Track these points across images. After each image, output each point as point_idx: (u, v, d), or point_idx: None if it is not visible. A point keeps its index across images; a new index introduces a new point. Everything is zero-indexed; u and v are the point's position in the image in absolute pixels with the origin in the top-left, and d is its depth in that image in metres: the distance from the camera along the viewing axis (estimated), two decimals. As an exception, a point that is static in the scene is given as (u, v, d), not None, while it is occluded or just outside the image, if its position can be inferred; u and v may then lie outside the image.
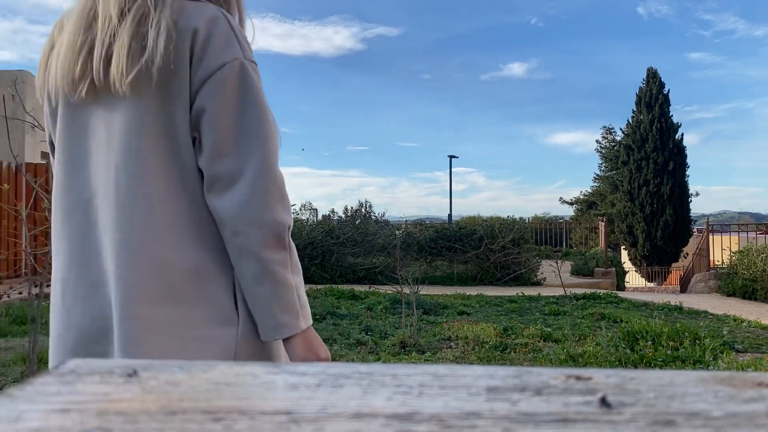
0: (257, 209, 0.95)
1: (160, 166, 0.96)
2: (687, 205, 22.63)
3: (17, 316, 5.73)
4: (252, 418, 0.30)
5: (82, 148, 1.02)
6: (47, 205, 4.59)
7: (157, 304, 0.95)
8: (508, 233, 10.40)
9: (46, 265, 4.22)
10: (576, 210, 34.93)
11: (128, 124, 0.97)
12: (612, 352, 4.20)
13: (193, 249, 0.97)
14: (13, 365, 4.02)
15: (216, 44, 0.96)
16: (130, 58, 0.94)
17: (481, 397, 0.33)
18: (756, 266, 8.59)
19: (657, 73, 23.29)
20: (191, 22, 0.96)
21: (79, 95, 0.99)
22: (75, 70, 0.99)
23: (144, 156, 0.96)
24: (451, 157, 22.20)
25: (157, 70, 0.94)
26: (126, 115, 0.97)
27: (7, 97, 8.37)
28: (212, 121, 0.95)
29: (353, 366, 0.38)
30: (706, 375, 0.36)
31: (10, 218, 8.34)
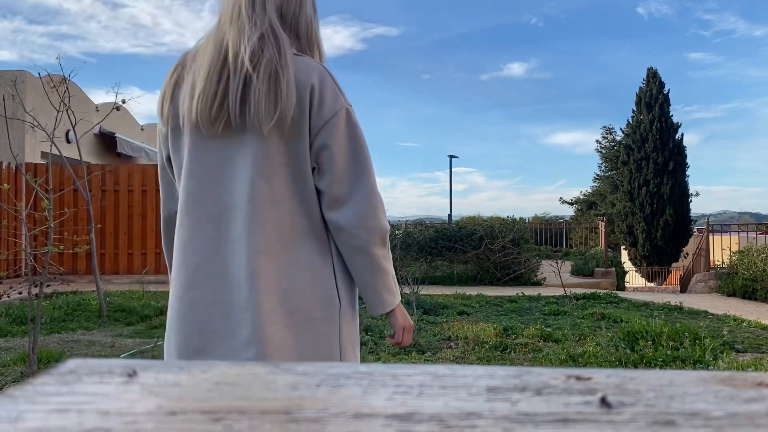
0: (369, 219, 1.27)
1: (283, 187, 1.25)
2: (687, 205, 22.63)
3: (17, 316, 5.73)
4: (252, 418, 0.30)
5: (215, 170, 1.27)
6: (47, 205, 4.59)
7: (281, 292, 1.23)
8: (508, 233, 10.40)
9: (46, 265, 4.22)
10: (576, 210, 34.93)
11: (259, 153, 1.24)
12: (612, 352, 4.20)
13: (307, 251, 1.26)
14: (13, 365, 4.02)
15: (327, 96, 1.26)
16: (268, 109, 1.21)
17: (481, 397, 0.33)
18: (756, 266, 8.58)
19: (657, 73, 23.28)
20: (308, 79, 1.25)
21: (215, 130, 1.25)
22: (212, 111, 1.23)
23: (272, 180, 1.24)
24: (451, 157, 22.20)
25: (290, 118, 1.22)
26: (257, 146, 1.24)
27: (7, 97, 8.37)
28: (332, 157, 1.25)
29: (353, 366, 0.38)
30: (706, 375, 0.36)
31: (10, 218, 8.34)
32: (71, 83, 6.65)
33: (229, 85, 1.23)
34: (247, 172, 1.24)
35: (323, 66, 1.29)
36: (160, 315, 5.97)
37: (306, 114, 1.24)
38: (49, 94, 6.32)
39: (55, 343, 4.75)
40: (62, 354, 4.30)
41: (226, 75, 1.24)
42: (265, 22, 1.27)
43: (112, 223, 9.81)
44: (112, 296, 6.67)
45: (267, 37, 1.25)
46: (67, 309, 6.06)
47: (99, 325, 5.62)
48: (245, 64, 1.22)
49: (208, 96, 1.23)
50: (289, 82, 1.21)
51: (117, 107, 7.02)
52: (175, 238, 1.32)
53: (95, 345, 4.78)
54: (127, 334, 5.22)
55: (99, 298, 5.93)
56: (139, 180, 9.82)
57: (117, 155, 13.06)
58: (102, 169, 9.60)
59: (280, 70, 1.22)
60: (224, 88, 1.23)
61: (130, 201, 9.82)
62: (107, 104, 11.06)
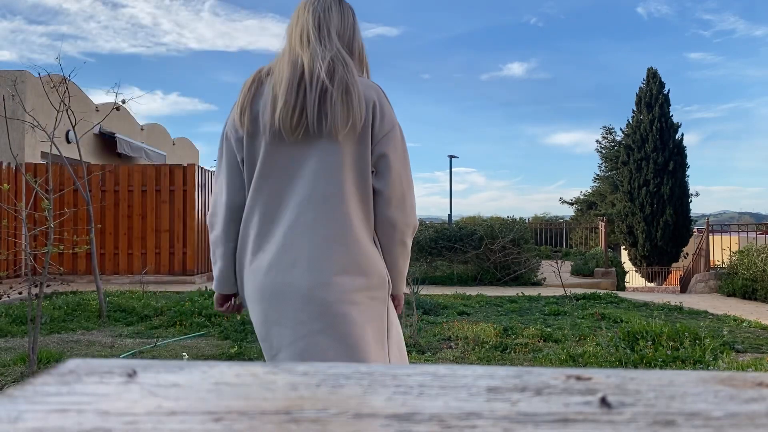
0: (411, 218, 1.56)
1: (349, 185, 1.48)
2: (687, 205, 22.62)
3: (17, 316, 5.73)
4: (252, 418, 0.30)
5: (291, 170, 1.49)
6: (47, 205, 4.59)
7: (347, 274, 1.46)
8: (508, 233, 10.39)
9: (46, 265, 4.22)
10: (576, 210, 34.93)
11: (331, 157, 1.47)
12: (612, 352, 4.20)
13: (366, 240, 1.50)
14: (13, 365, 4.01)
15: (387, 112, 1.52)
16: (343, 118, 1.45)
17: (481, 397, 0.33)
18: (756, 266, 8.58)
19: (657, 73, 23.28)
20: (370, 96, 1.50)
21: (296, 137, 1.47)
22: (293, 121, 1.46)
23: (341, 179, 1.46)
24: (451, 157, 22.19)
25: (359, 127, 1.47)
26: (330, 150, 1.47)
27: (7, 97, 8.37)
28: (389, 164, 1.51)
29: (353, 366, 0.38)
30: (706, 375, 0.36)
31: (10, 218, 8.33)
32: (71, 83, 6.65)
33: (307, 98, 1.46)
34: (320, 171, 1.47)
35: (378, 86, 1.56)
36: (160, 315, 5.97)
37: (369, 124, 1.49)
38: (49, 94, 6.32)
39: (55, 343, 4.75)
40: (62, 354, 4.30)
41: (303, 89, 1.47)
42: (333, 47, 1.53)
43: (112, 223, 9.81)
44: (112, 296, 6.67)
45: (337, 59, 1.50)
46: (67, 309, 6.06)
47: (99, 325, 5.62)
48: (322, 79, 1.46)
49: (289, 108, 1.46)
50: (359, 96, 1.47)
51: (117, 107, 7.02)
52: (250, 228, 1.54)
53: (95, 345, 4.78)
54: (127, 334, 5.22)
55: (99, 298, 5.93)
56: (139, 180, 9.82)
57: (117, 155, 13.06)
58: (102, 169, 9.60)
59: (351, 86, 1.47)
60: (303, 101, 1.46)
61: (130, 201, 9.82)
62: (107, 104, 11.06)
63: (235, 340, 4.94)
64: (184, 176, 9.79)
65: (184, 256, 9.73)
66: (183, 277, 9.63)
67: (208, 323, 5.57)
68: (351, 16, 1.64)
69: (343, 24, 1.60)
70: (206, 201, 10.31)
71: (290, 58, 1.52)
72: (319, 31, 1.54)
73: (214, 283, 1.66)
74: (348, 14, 1.63)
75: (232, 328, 5.29)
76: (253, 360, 4.15)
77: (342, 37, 1.58)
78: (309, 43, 1.52)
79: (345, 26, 1.60)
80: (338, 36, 1.57)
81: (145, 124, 15.62)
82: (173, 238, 9.76)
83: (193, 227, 9.72)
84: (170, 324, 5.59)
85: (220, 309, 1.69)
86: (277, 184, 1.50)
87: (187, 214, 9.76)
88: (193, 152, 18.77)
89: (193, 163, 10.00)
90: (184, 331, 5.33)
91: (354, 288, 1.46)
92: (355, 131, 1.46)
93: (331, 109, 1.45)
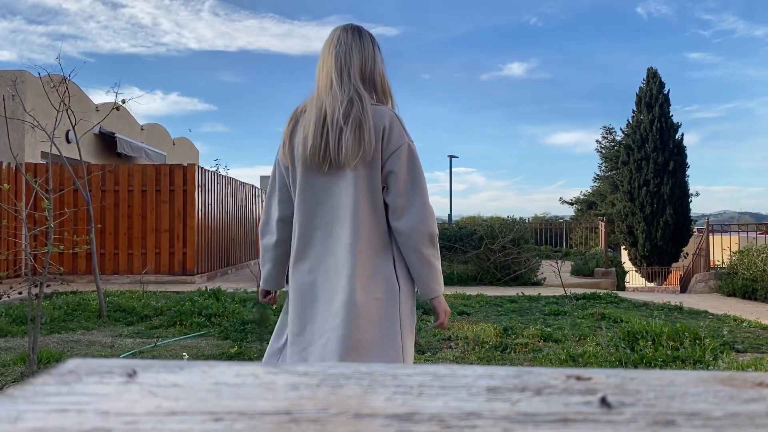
0: (421, 226, 1.76)
1: (366, 203, 1.76)
2: (687, 205, 22.61)
3: (17, 316, 5.73)
4: (252, 418, 0.30)
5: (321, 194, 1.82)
6: (47, 205, 4.59)
7: (368, 279, 1.75)
8: (508, 233, 10.39)
9: (46, 265, 4.22)
10: (576, 210, 34.92)
11: (349, 182, 1.77)
12: (612, 352, 4.20)
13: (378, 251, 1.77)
14: (13, 365, 4.01)
15: (394, 135, 1.77)
16: (355, 151, 1.73)
17: (481, 397, 0.33)
18: (756, 266, 8.58)
19: (657, 73, 23.26)
20: (381, 122, 1.76)
21: (322, 169, 1.79)
22: (319, 158, 1.78)
23: (358, 199, 1.76)
24: (451, 157, 22.18)
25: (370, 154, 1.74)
26: (347, 177, 1.77)
27: (7, 97, 8.36)
28: (396, 178, 1.76)
29: (353, 366, 0.38)
30: (706, 375, 0.36)
31: (10, 218, 8.33)
32: (71, 83, 6.65)
33: (329, 139, 1.77)
34: (343, 195, 1.78)
35: (393, 112, 1.83)
36: (160, 315, 5.97)
37: (379, 147, 1.77)
38: (49, 94, 6.32)
39: (55, 343, 4.75)
40: (62, 354, 4.30)
41: (326, 131, 1.78)
42: (351, 88, 1.80)
43: (112, 223, 9.81)
44: (112, 296, 6.66)
45: (353, 99, 1.77)
46: (67, 309, 6.06)
47: (99, 325, 5.62)
48: (340, 122, 1.75)
49: (315, 148, 1.78)
50: (369, 129, 1.74)
51: (117, 107, 7.02)
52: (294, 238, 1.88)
53: (95, 345, 4.78)
54: (127, 334, 5.22)
55: (99, 298, 5.93)
56: (139, 180, 9.82)
57: (117, 155, 13.06)
58: (102, 169, 9.60)
59: (363, 121, 1.74)
60: (326, 141, 1.78)
61: (130, 201, 9.82)
62: (107, 104, 11.06)
63: (235, 340, 4.94)
64: (184, 176, 9.79)
65: (184, 256, 9.73)
66: (183, 277, 9.63)
67: (208, 323, 5.57)
68: (371, 49, 1.88)
69: (363, 60, 1.85)
70: (206, 201, 10.31)
71: (316, 103, 1.83)
72: (341, 76, 1.82)
73: (262, 281, 2.05)
74: (368, 49, 1.88)
75: (232, 328, 5.29)
76: (253, 360, 4.15)
77: (363, 73, 1.85)
78: (331, 87, 1.82)
79: (365, 62, 1.86)
80: (360, 72, 1.84)
81: (145, 124, 15.62)
82: (173, 238, 9.76)
83: (193, 227, 9.72)
84: (170, 324, 5.59)
85: (264, 300, 2.11)
86: (312, 206, 1.84)
87: (187, 214, 9.75)
88: (193, 152, 18.77)
89: (193, 163, 9.99)
90: (184, 331, 5.33)
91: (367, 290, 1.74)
92: (366, 158, 1.75)
93: (345, 144, 1.75)
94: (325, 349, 1.75)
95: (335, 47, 1.84)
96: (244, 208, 13.00)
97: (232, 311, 5.82)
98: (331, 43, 1.86)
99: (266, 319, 5.19)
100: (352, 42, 1.85)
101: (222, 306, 5.99)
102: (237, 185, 12.43)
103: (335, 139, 1.76)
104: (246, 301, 6.47)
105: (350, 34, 1.87)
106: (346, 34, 1.87)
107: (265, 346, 4.71)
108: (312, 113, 1.81)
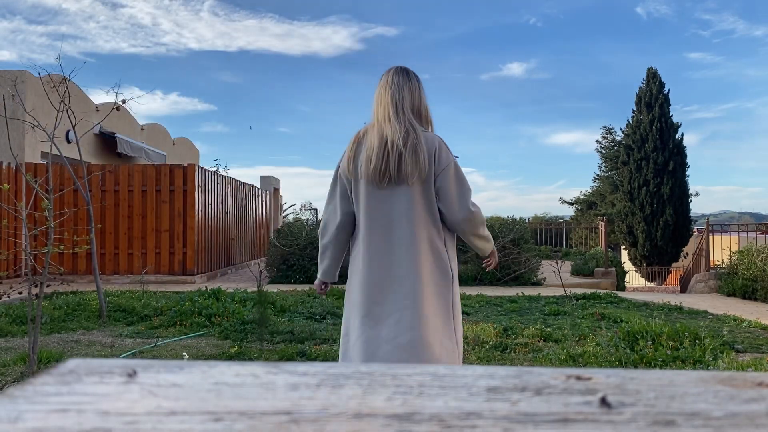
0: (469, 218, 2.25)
1: (422, 210, 2.22)
2: (687, 205, 22.60)
3: (17, 316, 5.73)
4: (252, 418, 0.30)
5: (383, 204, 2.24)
6: (47, 205, 4.59)
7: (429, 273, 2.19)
8: (508, 233, 10.39)
9: (46, 265, 4.22)
10: (576, 210, 34.91)
11: (407, 194, 2.20)
12: (612, 352, 4.20)
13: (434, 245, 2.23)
14: (13, 365, 4.01)
15: (442, 156, 2.23)
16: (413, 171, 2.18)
17: (481, 397, 0.33)
18: (756, 266, 8.58)
19: (657, 73, 23.26)
20: (432, 146, 2.22)
21: (382, 184, 2.22)
22: (380, 175, 2.20)
23: (416, 207, 2.21)
24: (451, 157, 22.13)
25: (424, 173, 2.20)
26: (405, 191, 2.20)
27: (7, 97, 8.36)
28: (448, 189, 2.22)
29: (353, 366, 0.38)
30: (706, 375, 0.36)
31: (10, 218, 8.33)
32: (71, 83, 6.65)
33: (390, 160, 2.19)
34: (402, 204, 2.21)
35: (439, 137, 2.28)
36: (160, 315, 5.97)
37: (432, 167, 2.21)
38: (49, 94, 6.32)
39: (55, 343, 4.75)
40: (62, 354, 4.30)
41: (387, 154, 2.19)
42: (406, 121, 2.23)
43: (112, 223, 9.81)
44: (112, 296, 6.67)
45: (409, 130, 2.21)
46: (67, 309, 6.06)
47: (99, 325, 5.62)
48: (399, 147, 2.18)
49: (377, 167, 2.20)
50: (423, 154, 2.19)
51: (117, 107, 7.02)
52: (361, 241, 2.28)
53: (95, 345, 4.78)
54: (127, 334, 5.22)
55: (99, 298, 5.93)
56: (139, 180, 9.82)
57: (117, 155, 13.06)
58: (102, 169, 9.60)
59: (418, 148, 2.19)
60: (386, 162, 2.19)
61: (130, 201, 9.82)
62: (107, 104, 11.05)
63: (235, 340, 4.94)
64: (185, 176, 9.79)
65: (184, 256, 9.73)
66: (183, 277, 9.63)
67: (208, 323, 5.57)
68: (417, 88, 2.33)
69: (412, 97, 2.30)
70: (206, 201, 10.31)
71: (378, 131, 2.24)
72: (396, 110, 2.25)
73: (321, 274, 2.44)
74: (415, 87, 2.32)
75: (232, 328, 5.29)
76: (253, 360, 4.15)
77: (413, 107, 2.28)
78: (390, 120, 2.24)
79: (414, 98, 2.30)
80: (411, 107, 2.27)
81: (145, 124, 15.62)
82: (173, 238, 9.76)
83: (193, 227, 9.72)
84: (170, 324, 5.59)
85: (320, 291, 2.50)
86: (376, 213, 2.25)
87: (187, 214, 9.76)
88: (193, 152, 18.77)
89: (193, 163, 9.99)
90: (184, 331, 5.33)
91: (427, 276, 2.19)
92: (422, 177, 2.19)
93: (404, 166, 2.18)
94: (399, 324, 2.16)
95: (390, 87, 2.29)
96: (244, 208, 13.00)
97: (232, 311, 5.82)
98: (387, 83, 2.31)
99: (266, 319, 5.19)
100: (403, 83, 2.30)
101: (222, 306, 5.99)
102: (237, 185, 12.44)
103: (395, 161, 2.18)
104: (246, 301, 6.47)
105: (401, 76, 2.31)
106: (398, 76, 2.31)
107: (265, 346, 4.72)
108: (374, 139, 2.23)
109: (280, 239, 10.27)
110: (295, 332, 5.11)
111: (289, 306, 6.42)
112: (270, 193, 16.15)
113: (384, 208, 2.22)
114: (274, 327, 5.22)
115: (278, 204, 18.14)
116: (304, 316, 6.08)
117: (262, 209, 14.85)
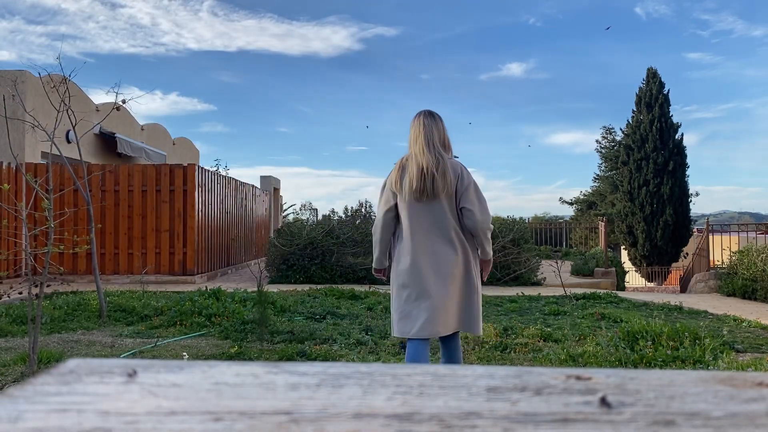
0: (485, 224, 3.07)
1: (451, 217, 3.04)
2: (687, 205, 22.61)
3: (17, 316, 5.73)
4: (252, 418, 0.30)
5: (421, 212, 3.03)
6: (47, 205, 4.59)
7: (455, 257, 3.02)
8: (508, 233, 10.39)
9: (46, 265, 4.22)
10: (576, 210, 34.91)
11: (440, 206, 3.02)
12: (612, 352, 4.20)
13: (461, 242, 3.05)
14: (13, 365, 4.02)
15: (465, 178, 3.05)
16: (443, 189, 3.00)
17: (481, 397, 0.33)
18: (756, 266, 8.58)
19: (657, 73, 23.26)
20: (455, 172, 3.04)
21: (422, 199, 3.01)
22: (420, 194, 3.01)
23: (446, 215, 3.03)
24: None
25: (452, 191, 3.03)
26: (438, 204, 3.02)
27: (7, 97, 8.36)
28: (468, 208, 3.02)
29: (353, 366, 0.38)
30: (706, 375, 0.36)
31: (10, 218, 8.33)
32: (71, 83, 6.65)
33: (426, 182, 2.98)
34: (437, 212, 3.01)
35: (460, 163, 3.10)
36: (160, 315, 5.97)
37: (455, 188, 3.01)
38: (49, 94, 6.32)
39: (55, 343, 4.75)
40: (62, 354, 4.30)
41: (424, 178, 2.98)
42: (436, 152, 3.02)
43: (112, 223, 9.81)
44: (112, 296, 6.67)
45: (439, 159, 3.01)
46: (67, 309, 6.06)
47: (99, 325, 5.62)
48: (433, 173, 2.98)
49: (418, 188, 2.99)
50: (450, 177, 3.00)
51: (117, 107, 7.02)
52: (406, 240, 3.06)
53: (95, 345, 4.78)
54: (128, 334, 5.22)
55: (99, 298, 5.93)
56: (139, 180, 9.82)
57: (117, 155, 13.06)
58: (102, 169, 9.60)
59: (446, 172, 2.99)
60: (424, 184, 2.98)
61: (130, 201, 9.82)
62: (107, 104, 11.05)
63: (235, 340, 4.94)
64: (185, 176, 9.79)
65: (184, 255, 9.73)
66: (183, 276, 9.63)
67: (208, 323, 5.57)
68: (442, 126, 3.11)
69: (439, 133, 3.08)
70: (206, 201, 10.31)
71: (416, 161, 3.02)
72: (428, 145, 3.03)
73: (375, 262, 3.21)
74: (440, 126, 3.11)
75: (232, 328, 5.29)
76: (253, 360, 4.15)
77: (440, 140, 3.07)
78: (424, 153, 3.01)
79: (440, 134, 3.08)
80: (439, 141, 3.06)
81: (145, 124, 15.62)
82: (173, 238, 9.76)
83: (193, 227, 9.72)
84: (170, 324, 5.60)
85: (378, 275, 3.29)
86: (415, 219, 3.04)
87: (187, 213, 9.76)
88: (193, 152, 18.77)
89: (193, 163, 9.99)
90: (184, 331, 5.33)
91: (458, 263, 3.00)
92: (449, 193, 3.00)
93: (436, 186, 2.97)
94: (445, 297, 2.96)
95: (423, 128, 3.06)
96: (245, 208, 13.00)
97: (232, 311, 5.82)
98: (420, 124, 3.07)
99: (266, 319, 5.19)
100: (431, 124, 3.08)
101: (222, 306, 5.99)
102: (237, 185, 12.44)
103: (430, 182, 2.98)
104: (246, 301, 6.47)
105: (429, 119, 3.09)
106: (428, 119, 3.09)
107: (265, 346, 4.72)
108: (414, 167, 3.01)
109: (280, 239, 10.27)
110: (295, 332, 5.11)
111: (289, 306, 6.42)
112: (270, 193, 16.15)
113: (421, 215, 3.03)
114: (274, 327, 5.22)
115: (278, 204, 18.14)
116: (304, 316, 6.08)
117: (262, 209, 14.85)
